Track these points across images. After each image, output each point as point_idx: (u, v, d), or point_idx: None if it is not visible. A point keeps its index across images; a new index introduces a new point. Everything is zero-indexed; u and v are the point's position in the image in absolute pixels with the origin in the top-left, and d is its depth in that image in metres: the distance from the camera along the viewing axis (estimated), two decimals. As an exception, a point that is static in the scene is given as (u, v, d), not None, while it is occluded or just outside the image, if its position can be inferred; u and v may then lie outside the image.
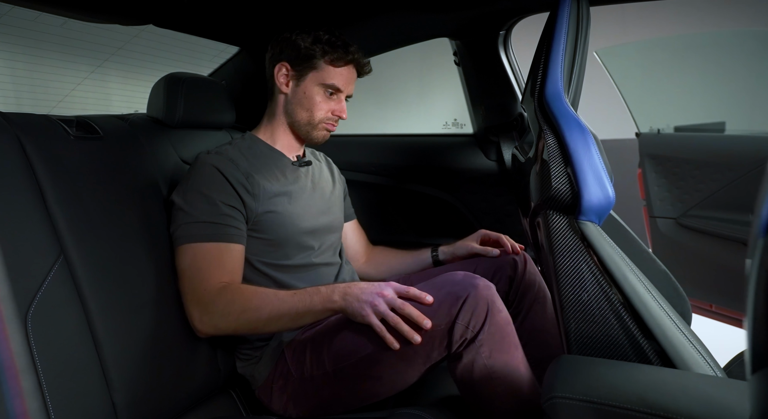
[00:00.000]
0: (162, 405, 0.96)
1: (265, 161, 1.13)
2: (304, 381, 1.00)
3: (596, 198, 0.77)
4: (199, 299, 0.97)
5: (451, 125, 4.16)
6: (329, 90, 1.12)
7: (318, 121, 1.14)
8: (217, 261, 0.99)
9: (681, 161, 1.87)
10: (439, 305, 0.89)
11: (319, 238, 1.16)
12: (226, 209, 1.01)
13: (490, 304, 0.88)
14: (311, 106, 1.13)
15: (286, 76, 1.13)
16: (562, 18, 0.90)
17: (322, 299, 0.93)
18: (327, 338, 0.99)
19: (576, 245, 0.79)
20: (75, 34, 3.91)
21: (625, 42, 3.14)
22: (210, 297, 0.97)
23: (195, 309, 0.98)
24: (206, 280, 0.98)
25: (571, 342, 0.77)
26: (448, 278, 0.94)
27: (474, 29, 1.43)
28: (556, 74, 0.88)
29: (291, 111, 1.15)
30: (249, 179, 1.05)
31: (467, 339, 0.88)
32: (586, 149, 0.78)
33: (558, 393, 0.61)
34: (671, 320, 0.73)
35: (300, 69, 1.12)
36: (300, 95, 1.13)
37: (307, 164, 1.20)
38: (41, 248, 0.84)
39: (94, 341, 0.87)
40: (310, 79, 1.12)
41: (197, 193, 1.02)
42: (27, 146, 0.88)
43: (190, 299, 0.99)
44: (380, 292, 0.90)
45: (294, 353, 1.02)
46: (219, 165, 1.04)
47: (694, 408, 0.54)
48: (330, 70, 1.11)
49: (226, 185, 1.02)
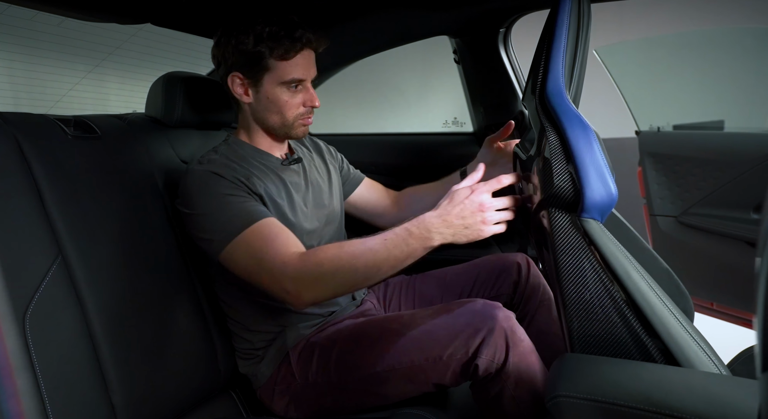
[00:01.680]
0: (161, 405, 0.96)
1: (257, 164, 1.07)
2: (308, 386, 0.99)
3: (599, 195, 0.76)
4: (284, 274, 0.88)
5: (451, 124, 4.16)
6: (292, 84, 1.04)
7: (292, 120, 1.07)
8: (272, 236, 0.92)
9: (681, 159, 1.86)
10: (457, 334, 0.88)
11: (317, 237, 1.13)
12: (240, 199, 0.95)
13: (510, 335, 0.88)
14: (280, 108, 1.05)
15: (242, 86, 1.05)
16: (563, 15, 0.90)
17: (419, 241, 0.85)
18: (337, 346, 0.97)
19: (578, 242, 0.78)
20: (72, 33, 3.90)
21: (623, 40, 3.13)
22: (294, 267, 0.88)
23: (287, 283, 0.88)
24: (279, 255, 0.89)
25: (574, 340, 0.77)
26: (468, 306, 0.92)
27: (474, 27, 1.43)
28: (558, 71, 0.87)
29: (261, 118, 1.08)
30: (250, 180, 1.00)
31: (492, 373, 0.88)
32: (588, 146, 0.78)
33: (562, 392, 0.60)
34: (675, 317, 0.72)
35: (253, 75, 1.03)
36: (264, 101, 1.05)
37: (297, 161, 1.15)
38: (39, 248, 0.84)
39: (92, 341, 0.87)
40: (268, 82, 1.03)
41: (207, 197, 0.96)
42: (24, 145, 0.88)
43: (273, 282, 0.90)
44: (481, 207, 0.85)
45: (299, 357, 1.01)
46: (216, 170, 0.98)
47: (700, 406, 0.53)
48: (284, 65, 1.02)
49: (228, 182, 0.97)
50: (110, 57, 4.32)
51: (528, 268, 1.18)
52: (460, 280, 1.21)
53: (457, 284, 1.21)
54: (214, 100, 1.28)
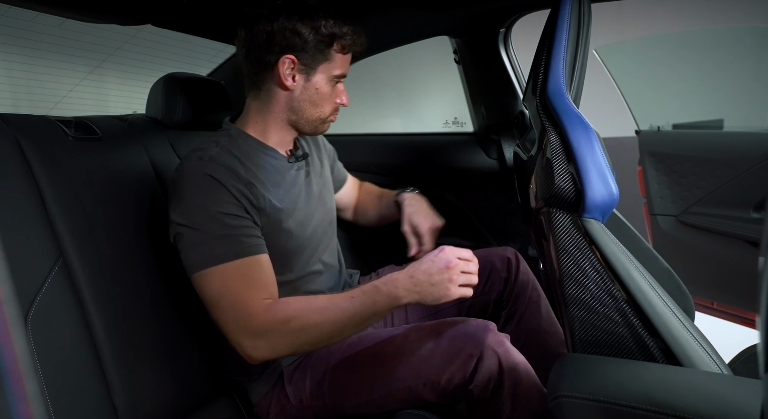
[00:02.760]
0: (163, 407, 0.96)
1: (260, 162, 0.98)
2: (303, 409, 0.98)
3: (600, 195, 0.76)
4: (247, 328, 0.85)
5: (452, 124, 4.16)
6: (335, 80, 1.01)
7: (327, 115, 1.03)
8: (251, 280, 0.87)
9: (681, 158, 1.86)
10: (453, 359, 0.88)
11: (319, 241, 1.10)
12: (236, 221, 0.89)
13: (504, 359, 0.87)
14: (322, 101, 1.00)
15: (292, 70, 0.97)
16: (564, 15, 0.90)
17: (387, 299, 0.84)
18: (330, 369, 0.96)
19: (579, 242, 0.78)
20: (72, 34, 3.90)
21: (623, 39, 3.13)
22: (259, 322, 0.85)
23: (245, 339, 0.85)
24: (248, 305, 0.85)
25: (575, 340, 0.77)
26: (461, 329, 0.92)
27: (474, 27, 1.43)
28: (558, 71, 0.87)
29: (297, 108, 1.00)
30: (252, 191, 0.92)
31: (486, 398, 0.88)
32: (589, 146, 0.78)
33: (564, 392, 0.60)
34: (676, 317, 0.72)
35: (311, 61, 0.97)
36: (311, 91, 0.99)
37: (304, 157, 1.09)
38: (41, 250, 0.84)
39: (94, 343, 0.87)
40: (322, 72, 0.98)
41: (198, 208, 0.87)
42: (26, 147, 0.88)
43: (234, 329, 0.86)
44: (449, 265, 0.84)
45: (292, 378, 1.00)
46: (215, 174, 0.89)
47: (702, 406, 0.53)
48: (339, 58, 0.99)
49: (228, 195, 0.89)
50: (110, 58, 4.32)
51: (518, 265, 1.17)
52: None
53: None
54: (215, 101, 1.28)
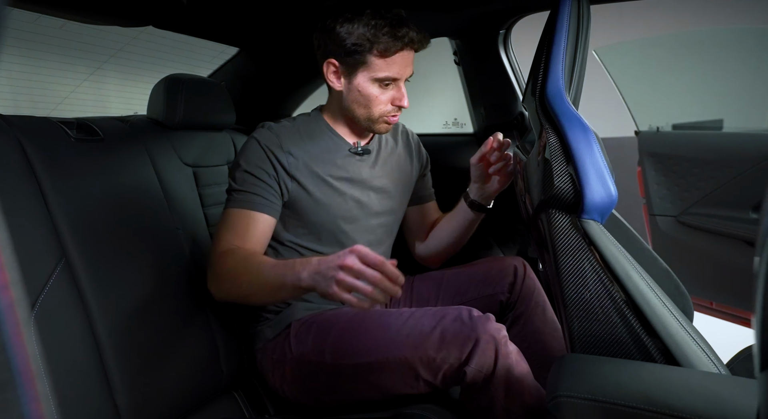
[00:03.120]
0: (165, 407, 0.96)
1: (319, 143, 1.09)
2: (302, 363, 1.00)
3: (599, 196, 0.77)
4: (209, 261, 0.99)
5: (452, 125, 4.16)
6: (385, 82, 1.04)
7: (378, 116, 1.06)
8: (235, 226, 0.99)
9: (680, 158, 1.87)
10: (450, 340, 0.89)
11: (360, 229, 1.12)
12: (258, 182, 1.01)
13: (499, 347, 0.88)
14: (368, 102, 1.05)
15: (336, 73, 1.05)
16: (563, 16, 0.90)
17: (293, 277, 0.84)
18: (334, 329, 0.99)
19: (579, 243, 0.78)
20: (74, 36, 3.91)
21: (623, 40, 3.14)
22: (215, 259, 0.97)
23: (208, 271, 0.99)
24: (218, 242, 0.99)
25: (574, 340, 0.77)
26: (463, 314, 0.93)
27: (474, 28, 1.43)
28: (558, 73, 0.87)
29: (348, 107, 1.08)
30: (289, 159, 1.04)
31: (479, 383, 0.89)
32: (588, 148, 0.78)
33: (562, 392, 0.61)
34: (675, 317, 0.73)
35: (349, 66, 1.03)
36: (355, 93, 1.05)
37: (366, 152, 1.14)
38: (43, 251, 0.84)
39: (96, 343, 0.87)
40: (362, 76, 1.03)
41: (237, 165, 1.03)
42: (28, 148, 0.88)
43: (210, 258, 0.99)
44: (341, 263, 0.78)
45: (298, 331, 1.03)
46: (262, 139, 1.04)
47: (699, 405, 0.54)
48: (381, 62, 1.01)
49: (264, 159, 1.03)
50: (112, 59, 4.33)
51: (524, 271, 1.19)
52: (457, 281, 1.22)
53: (454, 284, 1.22)
54: (216, 102, 1.29)
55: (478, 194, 1.21)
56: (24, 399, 0.20)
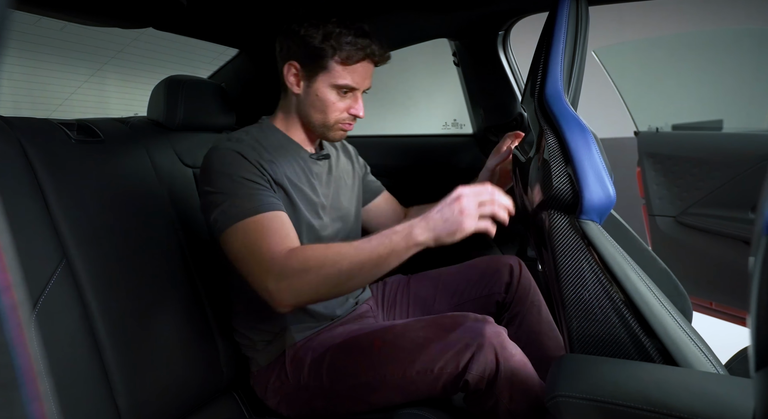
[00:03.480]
0: (165, 407, 0.97)
1: (284, 152, 1.07)
2: (300, 389, 1.00)
3: (597, 197, 0.77)
4: (270, 269, 0.88)
5: (451, 126, 4.17)
6: (343, 90, 1.05)
7: (333, 122, 1.07)
8: (271, 230, 0.92)
9: (680, 159, 1.87)
10: (447, 349, 0.90)
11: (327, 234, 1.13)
12: (258, 186, 0.96)
13: (500, 351, 0.89)
14: (325, 108, 1.05)
15: (296, 76, 1.06)
16: (562, 18, 0.91)
17: (403, 237, 0.85)
18: (329, 353, 0.99)
19: (577, 244, 0.79)
20: (74, 37, 3.92)
21: (623, 41, 3.14)
22: (281, 263, 0.87)
23: (269, 280, 0.87)
24: (269, 249, 0.89)
25: (573, 341, 0.78)
26: (459, 321, 0.93)
27: (473, 30, 1.44)
28: (556, 74, 0.88)
29: (304, 112, 1.08)
30: (272, 167, 1.01)
31: (482, 388, 0.89)
32: (586, 148, 0.78)
33: (561, 391, 0.61)
34: (673, 318, 0.73)
35: (310, 69, 1.04)
36: (312, 97, 1.05)
37: (326, 157, 1.15)
38: (44, 252, 0.85)
39: (96, 344, 0.87)
40: (321, 81, 1.04)
41: (223, 175, 0.95)
42: (29, 150, 0.89)
43: (259, 273, 0.89)
44: (458, 197, 0.84)
45: (294, 358, 1.02)
46: (241, 150, 0.98)
47: (697, 405, 0.54)
48: (341, 70, 1.02)
49: (250, 165, 0.97)
50: (112, 61, 4.33)
51: (520, 270, 1.19)
52: (454, 280, 1.23)
53: (451, 284, 1.23)
54: (216, 103, 1.29)
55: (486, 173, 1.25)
56: (26, 398, 0.20)
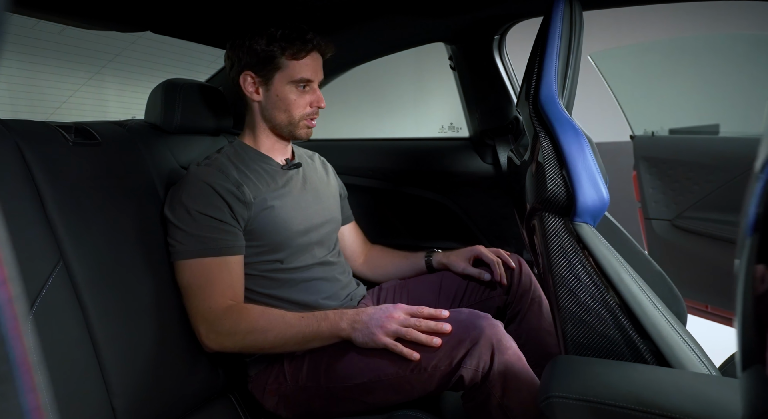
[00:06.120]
0: (162, 409, 0.97)
1: (254, 167, 1.12)
2: (298, 389, 1.01)
3: (591, 200, 0.78)
4: (205, 318, 0.98)
5: (447, 129, 4.18)
6: (301, 84, 1.10)
7: (298, 119, 1.12)
8: (216, 278, 0.99)
9: (675, 163, 1.88)
10: (441, 345, 0.90)
11: (313, 237, 1.15)
12: (215, 223, 1.01)
13: (496, 344, 0.89)
14: (288, 106, 1.11)
15: (253, 84, 1.11)
16: (556, 22, 0.92)
17: (330, 325, 0.94)
18: (327, 354, 0.99)
19: (571, 246, 0.79)
20: (72, 41, 3.92)
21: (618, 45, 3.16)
22: (215, 316, 0.97)
23: (201, 326, 0.99)
24: (209, 298, 0.98)
25: (567, 342, 0.78)
26: (453, 317, 0.94)
27: (469, 34, 1.45)
28: (551, 78, 0.89)
29: (269, 116, 1.13)
30: (240, 188, 1.04)
31: (477, 382, 0.89)
32: (580, 152, 0.79)
33: (554, 392, 0.62)
34: (666, 320, 0.74)
35: (265, 73, 1.09)
36: (274, 99, 1.11)
37: (296, 166, 1.19)
38: (41, 254, 0.85)
39: (93, 345, 0.88)
40: (279, 80, 1.09)
41: (182, 207, 1.01)
42: (26, 152, 0.89)
43: (194, 315, 0.99)
44: (389, 315, 0.92)
45: (292, 360, 1.03)
46: (207, 178, 1.03)
47: (688, 405, 0.55)
48: (294, 64, 1.08)
49: (215, 197, 1.01)
50: (110, 64, 4.34)
51: (520, 268, 1.20)
52: (454, 282, 1.23)
53: (451, 286, 1.23)
54: (213, 107, 1.30)
55: (441, 267, 1.28)
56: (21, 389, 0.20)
